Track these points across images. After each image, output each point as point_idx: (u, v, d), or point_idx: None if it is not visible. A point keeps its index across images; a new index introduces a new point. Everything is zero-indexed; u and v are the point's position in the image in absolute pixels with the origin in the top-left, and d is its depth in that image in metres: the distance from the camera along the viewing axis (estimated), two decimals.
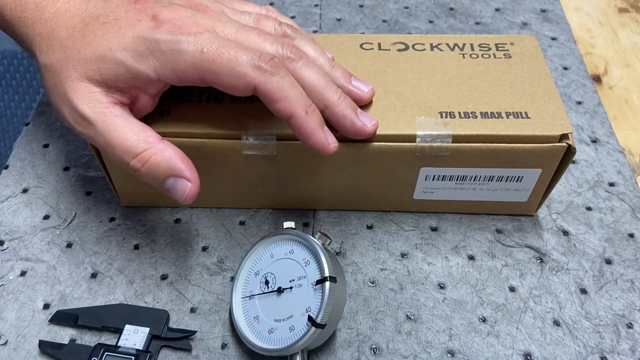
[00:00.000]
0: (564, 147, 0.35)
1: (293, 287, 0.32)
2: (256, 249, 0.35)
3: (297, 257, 0.33)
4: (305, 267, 0.32)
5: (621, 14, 0.57)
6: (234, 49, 0.30)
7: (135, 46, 0.30)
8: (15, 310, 0.36)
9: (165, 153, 0.31)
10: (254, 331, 0.33)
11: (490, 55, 0.40)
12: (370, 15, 0.56)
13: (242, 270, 0.35)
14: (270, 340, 0.32)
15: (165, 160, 0.31)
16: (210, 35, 0.31)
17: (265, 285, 0.33)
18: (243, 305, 0.34)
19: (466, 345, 0.34)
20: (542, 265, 0.38)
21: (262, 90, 0.30)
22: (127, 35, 0.31)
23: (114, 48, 0.31)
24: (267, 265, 0.34)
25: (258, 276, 0.34)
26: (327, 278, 0.30)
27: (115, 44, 0.31)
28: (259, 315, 0.33)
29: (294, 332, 0.31)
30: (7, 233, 0.39)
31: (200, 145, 0.35)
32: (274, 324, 0.32)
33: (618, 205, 0.41)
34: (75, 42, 0.32)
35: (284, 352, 0.31)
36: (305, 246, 0.33)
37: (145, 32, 0.31)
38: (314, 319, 0.30)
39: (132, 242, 0.39)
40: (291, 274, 0.32)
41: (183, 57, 0.30)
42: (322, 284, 0.31)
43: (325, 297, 0.30)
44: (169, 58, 0.30)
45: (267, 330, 0.32)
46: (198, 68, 0.30)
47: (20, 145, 0.45)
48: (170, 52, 0.30)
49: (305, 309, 0.31)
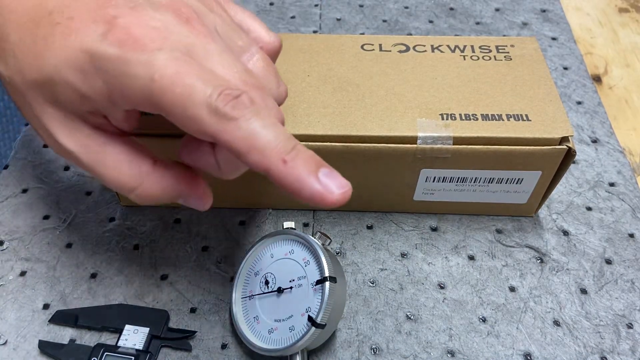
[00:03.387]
0: (564, 150, 0.35)
1: (293, 287, 0.32)
2: (256, 249, 0.35)
3: (297, 257, 0.33)
4: (305, 267, 0.32)
5: (621, 14, 0.57)
6: (193, 77, 0.23)
7: (81, 62, 0.24)
8: (15, 310, 0.36)
9: (163, 182, 0.27)
10: (254, 331, 0.33)
11: (491, 57, 0.40)
12: (370, 15, 0.56)
13: (242, 270, 0.35)
14: (270, 341, 0.32)
15: (164, 189, 0.27)
16: (170, 55, 0.23)
17: (265, 286, 0.33)
18: (243, 306, 0.34)
19: (466, 346, 0.34)
20: (542, 265, 0.38)
21: (221, 142, 0.23)
22: (74, 46, 0.24)
23: (59, 65, 0.25)
24: (267, 265, 0.34)
25: (258, 276, 0.34)
26: (327, 278, 0.30)
27: (62, 59, 0.24)
28: (258, 315, 0.33)
29: (293, 332, 0.31)
30: (7, 233, 0.39)
31: None
32: (273, 324, 0.32)
33: (618, 205, 0.41)
34: (27, 52, 0.25)
35: (284, 352, 0.31)
36: (305, 246, 0.33)
37: (92, 42, 0.24)
38: (314, 319, 0.30)
39: (132, 242, 0.39)
40: (291, 274, 0.32)
41: (130, 82, 0.23)
42: (322, 284, 0.31)
43: (325, 297, 0.30)
44: (116, 81, 0.24)
45: (267, 330, 0.32)
46: (147, 99, 0.24)
47: (20, 145, 0.45)
48: (115, 74, 0.24)
49: (305, 309, 0.31)
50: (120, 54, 0.23)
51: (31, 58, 0.25)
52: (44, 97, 0.26)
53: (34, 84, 0.26)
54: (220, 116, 0.23)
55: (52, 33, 0.25)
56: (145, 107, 0.24)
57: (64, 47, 0.24)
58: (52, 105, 0.26)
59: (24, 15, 0.26)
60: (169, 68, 0.23)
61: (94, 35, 0.24)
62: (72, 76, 0.25)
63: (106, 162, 0.27)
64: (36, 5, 0.26)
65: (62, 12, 0.25)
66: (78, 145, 0.26)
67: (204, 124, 0.23)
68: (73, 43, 0.24)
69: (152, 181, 0.27)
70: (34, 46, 0.25)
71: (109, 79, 0.24)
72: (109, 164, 0.27)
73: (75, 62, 0.24)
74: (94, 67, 0.24)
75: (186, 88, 0.23)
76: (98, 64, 0.24)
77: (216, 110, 0.23)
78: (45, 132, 0.27)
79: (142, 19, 0.24)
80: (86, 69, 0.24)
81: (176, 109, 0.23)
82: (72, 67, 0.24)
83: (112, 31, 0.24)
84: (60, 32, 0.25)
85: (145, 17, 0.24)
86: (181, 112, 0.23)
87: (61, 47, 0.25)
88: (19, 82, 0.26)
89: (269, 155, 0.23)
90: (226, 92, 0.23)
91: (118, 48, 0.23)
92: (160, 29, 0.24)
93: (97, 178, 0.27)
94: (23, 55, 0.26)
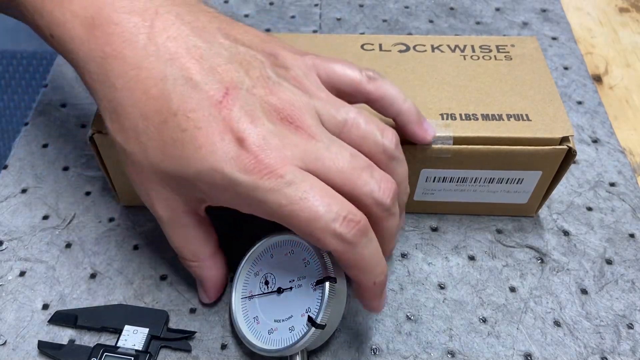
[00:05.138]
0: (564, 150, 0.35)
1: (293, 288, 0.32)
2: (256, 249, 0.35)
3: (297, 257, 0.32)
4: (306, 267, 0.32)
5: (622, 14, 0.57)
6: (317, 201, 0.26)
7: (212, 179, 0.27)
8: (14, 311, 0.36)
9: (205, 272, 0.34)
10: (254, 331, 0.32)
11: (491, 56, 0.40)
12: (370, 15, 0.56)
13: (241, 271, 0.34)
14: (270, 341, 0.32)
15: (203, 277, 0.34)
16: (293, 177, 0.26)
17: (265, 286, 0.33)
18: (243, 306, 0.34)
19: (466, 346, 0.34)
20: (542, 265, 0.38)
21: (336, 256, 0.28)
22: (205, 162, 0.27)
23: (191, 175, 0.27)
24: (267, 265, 0.34)
25: (258, 276, 0.34)
26: (327, 278, 0.30)
27: (193, 170, 0.27)
28: (258, 315, 0.33)
29: (293, 332, 0.31)
30: (6, 233, 0.39)
31: None
32: (273, 325, 0.32)
33: (619, 205, 0.41)
34: (155, 146, 0.28)
35: (284, 352, 0.31)
36: (305, 246, 0.33)
37: (224, 165, 0.26)
38: (314, 319, 0.30)
39: (132, 242, 0.39)
40: (291, 274, 0.32)
41: (259, 204, 0.27)
42: (322, 285, 0.31)
43: (325, 298, 0.30)
44: (244, 201, 0.28)
45: (266, 330, 0.32)
46: (273, 217, 0.27)
47: (20, 145, 0.45)
48: (246, 196, 0.27)
49: (305, 310, 0.31)
50: (250, 182, 0.26)
51: (159, 153, 0.28)
52: (162, 181, 0.29)
53: (156, 171, 0.29)
54: (343, 240, 0.27)
55: (181, 139, 0.27)
56: (269, 218, 0.28)
57: (194, 158, 0.27)
58: (166, 187, 0.29)
59: (149, 103, 0.28)
60: (295, 195, 0.26)
61: (224, 157, 0.27)
62: (201, 185, 0.28)
63: (182, 234, 0.32)
64: (159, 98, 0.28)
65: (188, 118, 0.27)
66: (168, 217, 0.31)
67: (327, 243, 0.27)
68: (204, 158, 0.27)
69: (201, 266, 0.33)
70: (163, 145, 0.28)
71: (238, 198, 0.27)
72: (182, 236, 0.32)
73: (205, 176, 0.27)
74: (225, 186, 0.27)
75: (312, 213, 0.26)
76: (228, 185, 0.27)
77: (340, 236, 0.27)
78: (147, 199, 0.31)
79: (263, 137, 0.27)
80: (216, 184, 0.27)
81: (302, 230, 0.27)
82: (201, 180, 0.27)
83: (241, 158, 0.26)
84: (190, 141, 0.27)
85: (265, 132, 0.27)
86: (307, 232, 0.27)
87: (193, 158, 0.27)
88: (138, 160, 0.29)
89: (367, 276, 0.29)
90: (349, 217, 0.27)
91: (248, 176, 0.26)
92: (278, 147, 0.27)
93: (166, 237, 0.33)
94: (151, 146, 0.28)
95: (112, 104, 0.29)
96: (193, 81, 0.28)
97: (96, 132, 0.35)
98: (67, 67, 0.50)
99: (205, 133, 0.27)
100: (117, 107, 0.28)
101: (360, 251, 0.27)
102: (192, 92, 0.27)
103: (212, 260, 0.34)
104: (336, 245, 0.27)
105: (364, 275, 0.29)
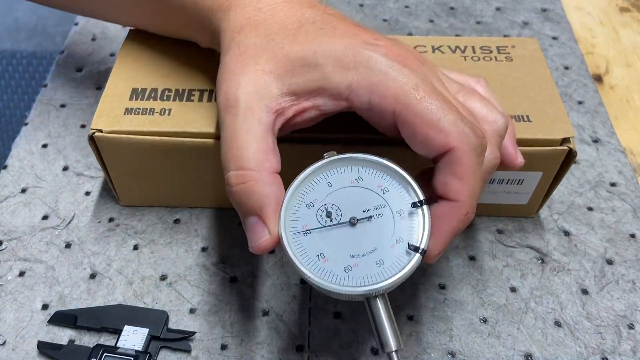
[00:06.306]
0: (565, 151, 0.34)
1: (373, 217, 0.28)
2: (305, 180, 0.29)
3: (369, 184, 0.29)
4: (384, 194, 0.29)
5: (622, 14, 0.57)
6: (449, 101, 0.27)
7: (343, 55, 0.28)
8: (14, 311, 0.36)
9: (267, 188, 0.28)
10: (323, 272, 0.27)
11: (492, 57, 0.40)
12: (371, 15, 0.56)
13: (287, 203, 0.29)
14: (351, 279, 0.27)
15: (262, 194, 0.28)
16: (427, 78, 0.28)
17: (327, 218, 0.29)
18: (297, 243, 0.28)
19: (467, 346, 0.34)
20: (543, 265, 0.38)
21: (454, 158, 0.27)
22: (338, 43, 0.28)
23: (319, 52, 0.28)
24: (325, 195, 0.29)
25: (313, 208, 0.29)
26: (422, 202, 0.28)
27: (323, 49, 0.28)
28: (323, 252, 0.28)
29: (383, 266, 0.27)
30: (5, 233, 0.39)
31: (200, 145, 0.35)
32: (350, 261, 0.28)
33: (619, 205, 0.41)
34: (284, 38, 0.29)
35: (376, 290, 0.27)
36: (377, 173, 0.29)
37: (359, 45, 0.28)
38: (417, 246, 0.27)
39: (132, 242, 0.39)
40: (364, 203, 0.29)
41: (389, 83, 0.27)
42: (418, 208, 0.28)
43: (427, 221, 0.28)
44: (372, 78, 0.27)
45: (341, 268, 0.27)
46: (399, 102, 0.27)
47: (19, 145, 0.45)
48: (377, 71, 0.27)
49: (395, 240, 0.28)
50: (385, 60, 0.27)
51: (287, 42, 0.29)
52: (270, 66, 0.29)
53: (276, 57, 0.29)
54: (469, 141, 0.27)
55: (315, 32, 0.29)
56: (387, 107, 0.28)
57: (328, 41, 0.29)
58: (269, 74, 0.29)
59: (290, 17, 0.30)
60: (429, 85, 0.27)
61: (361, 40, 0.28)
62: (326, 62, 0.28)
63: (249, 132, 0.28)
64: (301, 15, 0.31)
65: (327, 23, 0.30)
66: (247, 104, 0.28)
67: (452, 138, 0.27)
68: (338, 41, 0.28)
69: (262, 178, 0.28)
70: (294, 37, 0.29)
71: (367, 74, 0.28)
72: (249, 135, 0.28)
73: (335, 53, 0.28)
74: (354, 62, 0.28)
75: (445, 104, 0.27)
76: (359, 60, 0.28)
77: (468, 135, 0.27)
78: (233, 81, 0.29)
79: (397, 47, 0.29)
80: (345, 61, 0.28)
81: (427, 116, 0.27)
82: (330, 56, 0.28)
83: (374, 44, 0.28)
84: (325, 33, 0.29)
85: (399, 46, 0.29)
86: (430, 120, 0.27)
87: (325, 41, 0.29)
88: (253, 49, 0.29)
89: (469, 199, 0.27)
90: (477, 128, 0.27)
91: (383, 56, 0.28)
92: (413, 57, 0.29)
93: (224, 141, 0.29)
94: (279, 38, 0.29)
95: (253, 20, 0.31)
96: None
97: (96, 132, 0.35)
98: (67, 67, 0.50)
99: (342, 29, 0.29)
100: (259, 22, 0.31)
101: (479, 164, 0.27)
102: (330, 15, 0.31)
103: (275, 176, 0.28)
104: (461, 143, 0.26)
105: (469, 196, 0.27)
